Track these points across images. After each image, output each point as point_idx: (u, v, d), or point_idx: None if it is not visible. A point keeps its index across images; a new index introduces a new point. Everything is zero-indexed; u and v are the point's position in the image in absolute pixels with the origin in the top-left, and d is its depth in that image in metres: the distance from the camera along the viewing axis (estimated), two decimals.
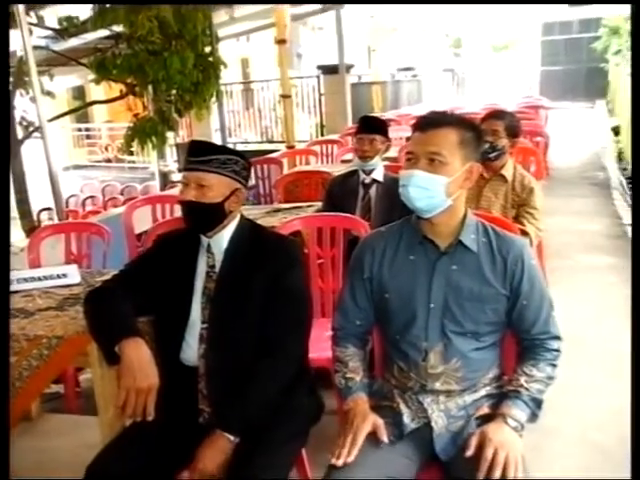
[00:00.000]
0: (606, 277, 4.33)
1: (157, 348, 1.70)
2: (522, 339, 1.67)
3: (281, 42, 7.41)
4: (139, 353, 1.57)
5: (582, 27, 18.73)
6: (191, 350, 1.73)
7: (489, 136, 3.03)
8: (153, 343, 1.71)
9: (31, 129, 6.90)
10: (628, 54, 8.56)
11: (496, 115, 3.15)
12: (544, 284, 1.66)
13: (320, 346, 2.12)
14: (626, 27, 8.61)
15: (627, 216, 5.92)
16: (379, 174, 3.15)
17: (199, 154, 1.71)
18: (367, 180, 3.15)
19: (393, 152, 4.47)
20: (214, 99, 6.36)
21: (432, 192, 1.55)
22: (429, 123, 1.59)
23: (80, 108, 10.57)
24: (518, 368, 1.63)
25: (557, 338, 1.65)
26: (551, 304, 1.66)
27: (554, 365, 1.62)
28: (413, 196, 1.56)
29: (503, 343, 1.72)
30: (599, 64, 16.57)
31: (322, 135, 9.79)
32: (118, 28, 5.78)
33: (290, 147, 7.43)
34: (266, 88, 10.74)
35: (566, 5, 13.85)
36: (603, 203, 6.59)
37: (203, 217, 1.73)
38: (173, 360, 1.74)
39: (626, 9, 8.56)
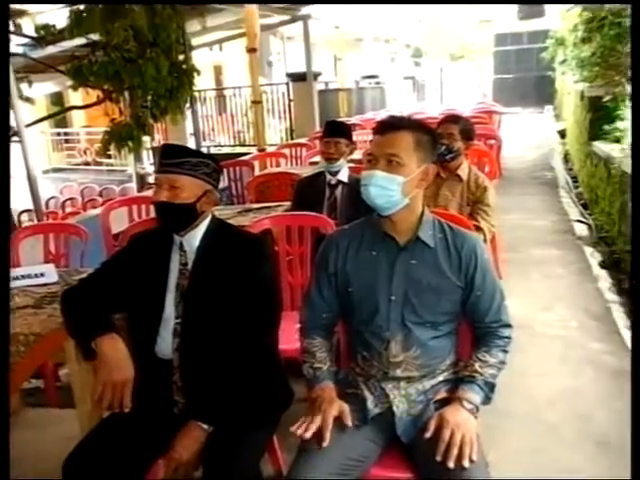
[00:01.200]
0: (554, 269, 4.41)
1: (132, 342, 1.68)
2: (476, 327, 1.69)
3: (252, 51, 7.36)
4: (115, 348, 1.55)
5: (531, 38, 19.04)
6: (165, 344, 1.71)
7: (445, 139, 3.07)
8: (129, 338, 1.68)
9: (10, 133, 6.73)
10: (573, 63, 8.72)
11: (451, 120, 3.19)
12: (496, 276, 1.69)
13: (290, 338, 2.10)
14: (571, 38, 8.75)
15: (573, 212, 6.05)
16: (344, 175, 3.15)
17: (171, 157, 1.69)
18: (333, 181, 3.15)
19: (358, 154, 4.49)
20: (188, 105, 6.28)
21: (390, 191, 1.56)
22: (388, 127, 1.60)
23: (58, 113, 10.34)
24: (473, 354, 1.65)
25: (508, 326, 1.68)
26: (502, 294, 1.68)
27: (505, 351, 1.65)
28: (373, 194, 1.57)
29: (459, 331, 1.74)
30: (547, 72, 16.88)
31: (291, 139, 9.77)
32: (94, 36, 5.67)
33: (261, 150, 7.39)
34: (238, 94, 10.66)
35: (517, 19, 14.08)
36: (551, 201, 6.71)
37: (175, 217, 1.71)
38: (148, 354, 1.71)
39: (571, 20, 8.71)
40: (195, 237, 1.75)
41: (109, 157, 12.77)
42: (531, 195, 7.04)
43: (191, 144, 9.48)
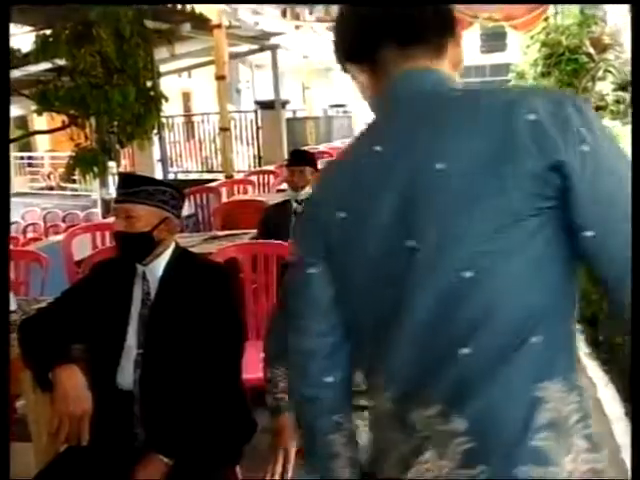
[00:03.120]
0: None
1: (92, 373, 1.65)
2: None
3: (220, 78, 7.42)
4: (73, 379, 1.52)
5: (493, 71, 19.82)
6: (126, 375, 1.68)
7: None
8: (88, 368, 1.65)
9: None
10: None
11: None
12: None
13: (254, 367, 2.08)
14: (531, 72, 9.07)
15: None
16: None
17: (127, 186, 1.70)
18: (299, 209, 3.18)
19: None
20: (156, 131, 6.28)
21: None
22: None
23: (22, 137, 10.19)
24: None
25: None
26: None
27: None
28: None
29: None
30: None
31: (259, 166, 9.80)
32: (61, 61, 5.65)
33: (229, 177, 7.39)
34: (207, 121, 10.69)
35: (479, 53, 14.55)
36: None
37: (133, 246, 1.71)
38: (108, 385, 1.68)
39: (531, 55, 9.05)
40: (158, 266, 1.74)
41: (74, 182, 12.59)
42: None
43: (158, 170, 9.45)
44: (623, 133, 7.28)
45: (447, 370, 0.80)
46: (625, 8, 6.17)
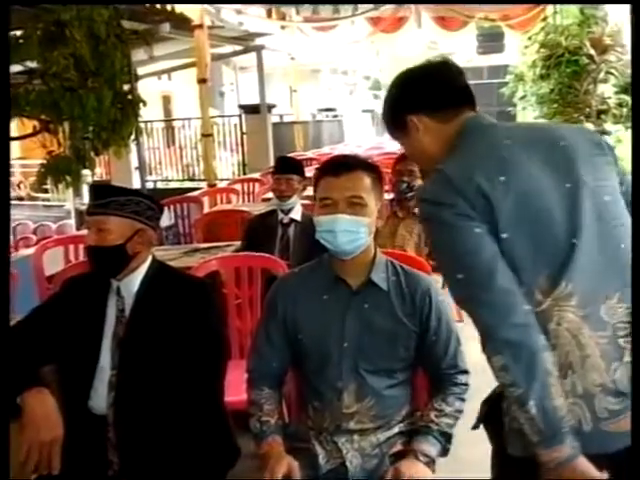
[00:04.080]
0: None
1: (63, 397, 1.63)
2: (432, 374, 1.72)
3: (202, 81, 7.43)
4: (42, 404, 1.51)
5: (491, 73, 19.94)
6: (100, 398, 1.68)
7: (406, 176, 3.16)
8: (59, 392, 1.64)
9: None
10: (532, 99, 9.11)
11: None
12: (452, 320, 1.73)
13: (238, 389, 2.08)
14: (530, 74, 9.18)
15: None
16: (297, 213, 3.20)
17: (98, 197, 1.70)
18: (285, 220, 3.19)
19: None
20: (133, 137, 6.26)
21: (358, 234, 1.61)
22: (340, 167, 1.64)
23: None
24: (429, 403, 1.68)
25: (465, 372, 1.71)
26: (458, 339, 1.72)
27: (462, 399, 1.68)
28: (341, 241, 1.60)
29: (415, 379, 1.77)
30: (507, 108, 17.60)
31: (244, 173, 9.81)
32: (32, 64, 5.63)
33: (211, 185, 7.38)
34: (188, 126, 10.70)
35: (476, 53, 14.70)
36: None
37: (105, 261, 1.71)
38: (80, 409, 1.67)
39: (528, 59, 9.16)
40: (133, 281, 1.74)
41: (45, 192, 12.52)
42: None
43: (136, 179, 9.42)
44: (626, 138, 7.37)
45: None
46: (626, 8, 6.28)
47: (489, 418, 1.35)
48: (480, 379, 1.73)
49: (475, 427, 1.39)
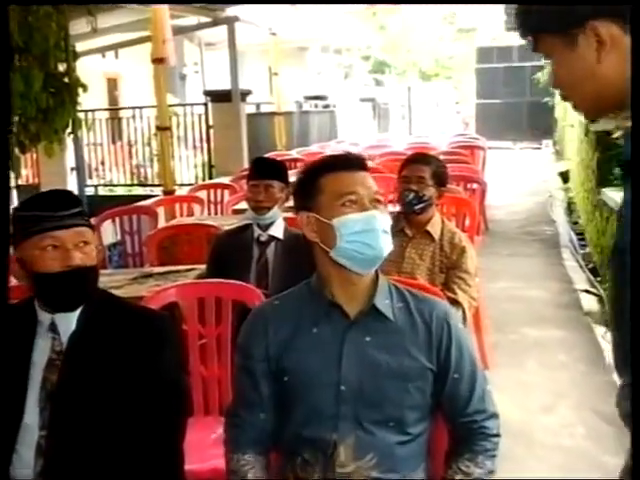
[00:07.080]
0: (555, 355, 4.53)
1: None
2: (454, 423, 1.71)
3: (159, 61, 7.44)
4: None
5: (523, 54, 19.92)
6: (24, 464, 1.66)
7: (413, 184, 3.15)
8: None
9: None
10: None
11: (421, 159, 3.30)
12: (475, 353, 1.74)
13: (203, 454, 2.08)
14: None
15: (579, 280, 6.27)
16: (279, 230, 3.19)
17: (68, 206, 1.69)
18: (263, 237, 3.19)
19: None
20: (70, 130, 6.27)
21: (390, 238, 1.67)
22: (353, 164, 1.71)
23: None
24: (452, 464, 1.67)
25: (495, 417, 1.71)
26: (485, 378, 1.73)
27: (494, 456, 1.67)
28: (384, 243, 1.65)
29: (433, 435, 1.76)
30: (544, 98, 17.77)
31: (210, 177, 9.85)
32: None
33: (168, 192, 7.39)
34: (139, 117, 10.73)
35: (504, 29, 14.87)
36: (551, 263, 6.94)
37: (86, 286, 1.72)
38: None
39: None
40: (70, 315, 1.74)
41: None
42: (525, 257, 7.27)
43: (72, 182, 9.42)
44: None
45: None
46: None
47: None
48: (509, 442, 1.74)
49: None
